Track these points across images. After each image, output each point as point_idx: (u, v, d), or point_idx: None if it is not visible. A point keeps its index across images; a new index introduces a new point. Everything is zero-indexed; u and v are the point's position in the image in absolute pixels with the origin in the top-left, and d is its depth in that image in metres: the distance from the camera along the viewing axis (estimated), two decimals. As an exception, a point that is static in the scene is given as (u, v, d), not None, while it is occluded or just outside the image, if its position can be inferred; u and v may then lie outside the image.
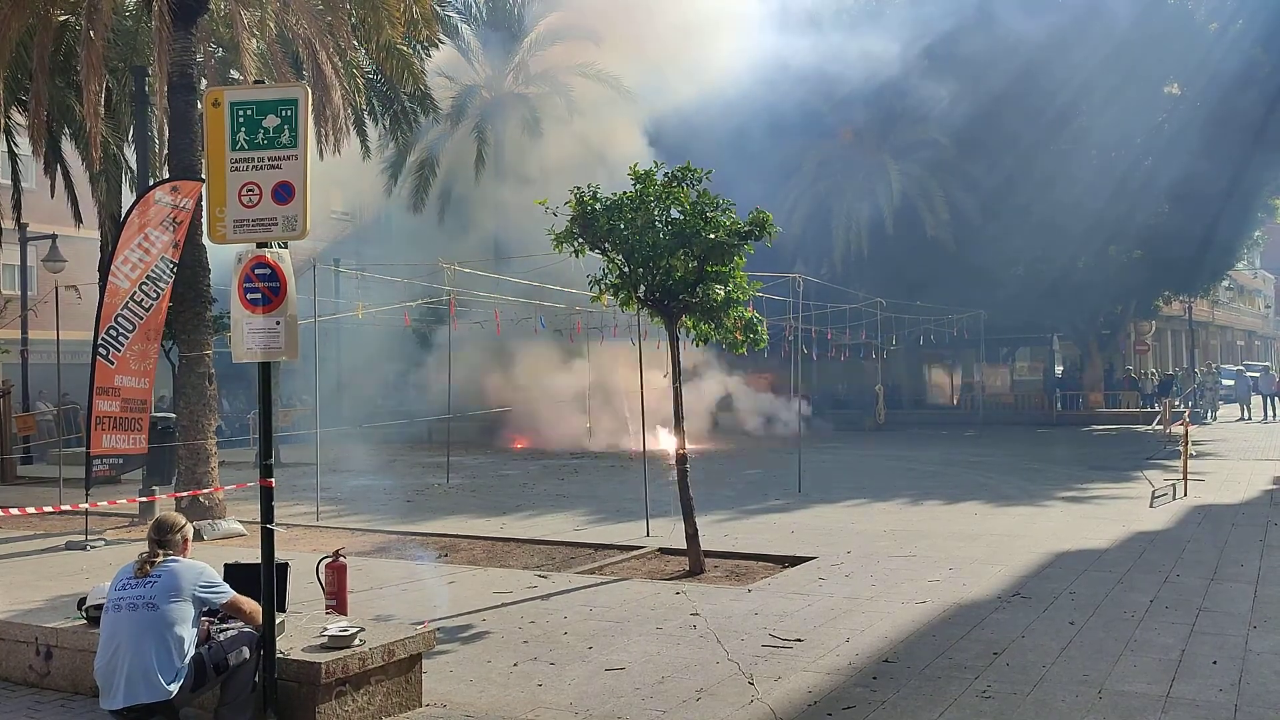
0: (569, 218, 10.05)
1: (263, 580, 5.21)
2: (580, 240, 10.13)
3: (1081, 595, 8.58)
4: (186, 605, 5.03)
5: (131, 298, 12.63)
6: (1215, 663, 6.52)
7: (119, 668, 4.84)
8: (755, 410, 29.12)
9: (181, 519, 5.43)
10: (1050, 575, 9.46)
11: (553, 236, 10.16)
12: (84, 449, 13.52)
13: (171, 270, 12.96)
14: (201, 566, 5.22)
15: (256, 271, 5.20)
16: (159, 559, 5.12)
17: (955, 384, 38.00)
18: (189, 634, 5.01)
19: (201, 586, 5.11)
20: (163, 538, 5.22)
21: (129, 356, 12.67)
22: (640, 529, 12.25)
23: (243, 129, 5.22)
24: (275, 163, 5.19)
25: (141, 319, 12.72)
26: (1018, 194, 27.77)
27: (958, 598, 8.55)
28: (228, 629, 5.38)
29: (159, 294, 12.85)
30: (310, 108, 5.31)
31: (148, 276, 12.72)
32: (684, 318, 10.35)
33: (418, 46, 16.95)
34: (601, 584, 9.54)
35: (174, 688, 4.89)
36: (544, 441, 26.28)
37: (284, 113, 5.20)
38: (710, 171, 10.15)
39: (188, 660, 4.99)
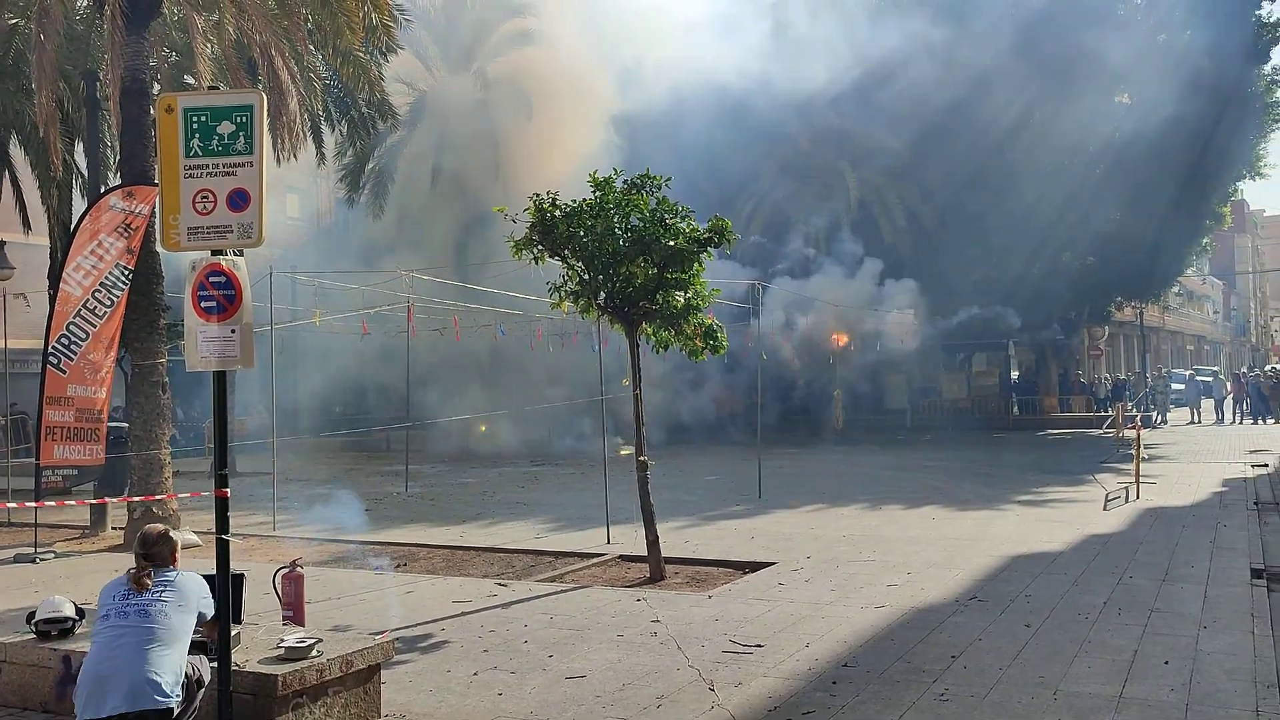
0: (528, 225, 10.04)
1: (218, 591, 5.13)
2: (540, 247, 10.13)
3: (1037, 598, 8.68)
4: (191, 617, 4.89)
5: (84, 305, 12.40)
6: (1167, 663, 6.63)
7: (118, 676, 4.61)
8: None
9: (165, 529, 5.28)
10: (1006, 578, 9.58)
11: (511, 244, 10.15)
12: (33, 460, 13.26)
13: (126, 277, 12.74)
14: (198, 579, 5.09)
15: (211, 279, 5.13)
16: (153, 572, 4.97)
17: (914, 389, 38.32)
18: (188, 643, 4.87)
19: (203, 599, 5.00)
20: (149, 550, 5.03)
21: (82, 366, 12.43)
22: (601, 536, 12.24)
23: (197, 135, 5.15)
24: (230, 169, 5.13)
25: (95, 327, 12.49)
26: (973, 202, 28.11)
27: (916, 602, 8.62)
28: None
29: (114, 301, 12.62)
30: (266, 114, 5.25)
31: (101, 284, 12.50)
32: (644, 324, 10.37)
33: (375, 53, 16.83)
34: (562, 592, 9.52)
35: (175, 699, 4.73)
36: (505, 448, 26.18)
37: (239, 119, 5.14)
38: (669, 179, 10.19)
39: (184, 672, 4.85)
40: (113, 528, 13.96)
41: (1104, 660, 6.73)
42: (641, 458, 10.44)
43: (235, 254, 5.24)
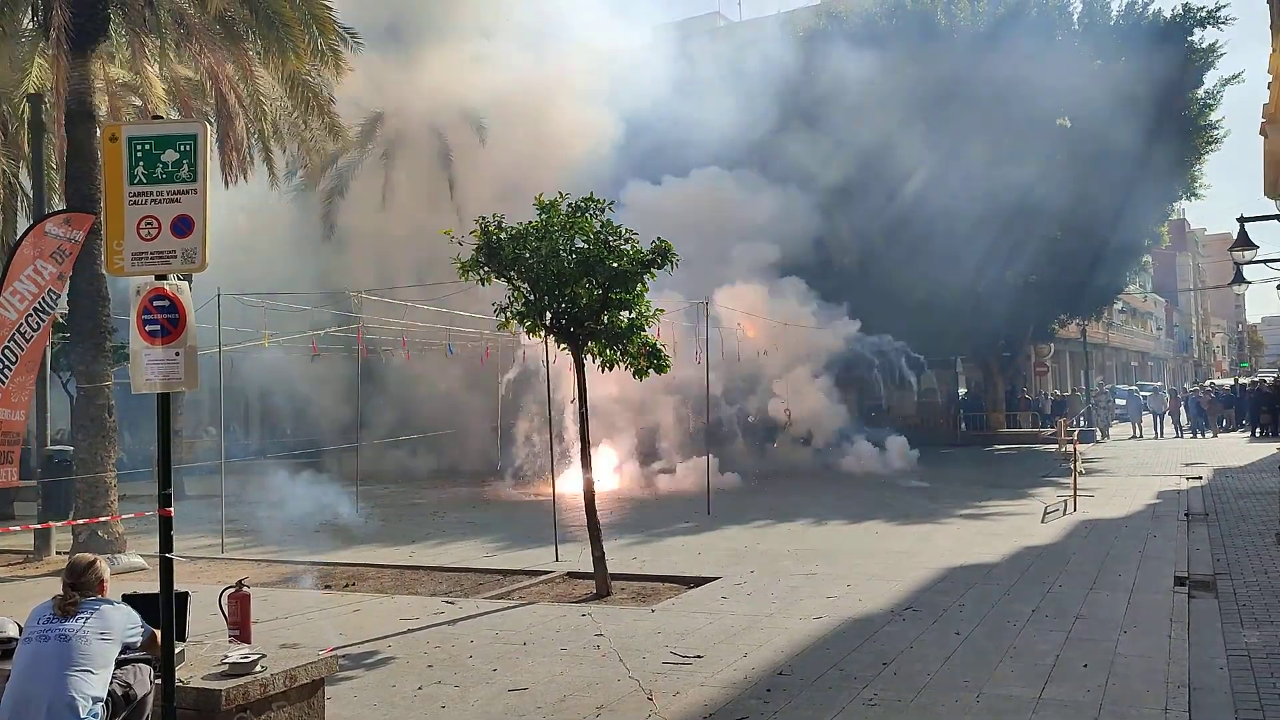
0: (474, 247, 10.22)
1: (161, 608, 5.22)
2: (486, 269, 10.30)
3: (969, 607, 8.97)
4: (114, 647, 5.01)
5: (18, 329, 12.41)
6: (1086, 666, 6.92)
7: (38, 697, 4.74)
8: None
9: (94, 558, 5.38)
10: (942, 589, 9.86)
11: (458, 265, 10.31)
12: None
13: (55, 302, 12.79)
14: (128, 611, 5.20)
15: (155, 303, 5.24)
16: (78, 599, 5.08)
17: (863, 406, 38.78)
18: (110, 670, 5.00)
19: (128, 630, 5.11)
20: (77, 580, 5.15)
21: (11, 389, 12.42)
22: (550, 554, 12.38)
23: (141, 163, 5.27)
24: (174, 196, 5.25)
25: (24, 350, 12.49)
26: (917, 221, 28.66)
27: (853, 612, 8.87)
28: (129, 657, 5.38)
29: (40, 325, 12.65)
30: (210, 142, 5.40)
31: (34, 308, 12.52)
32: (590, 344, 10.57)
33: (324, 75, 16.93)
34: (509, 608, 9.66)
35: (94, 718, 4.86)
36: (455, 469, 26.18)
37: (183, 148, 5.27)
38: (612, 202, 10.44)
39: (106, 694, 4.97)
40: (57, 552, 13.85)
41: (1027, 664, 7.01)
42: (587, 474, 10.62)
43: (179, 279, 5.37)
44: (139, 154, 5.27)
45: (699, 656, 7.51)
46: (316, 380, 25.34)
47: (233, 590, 7.25)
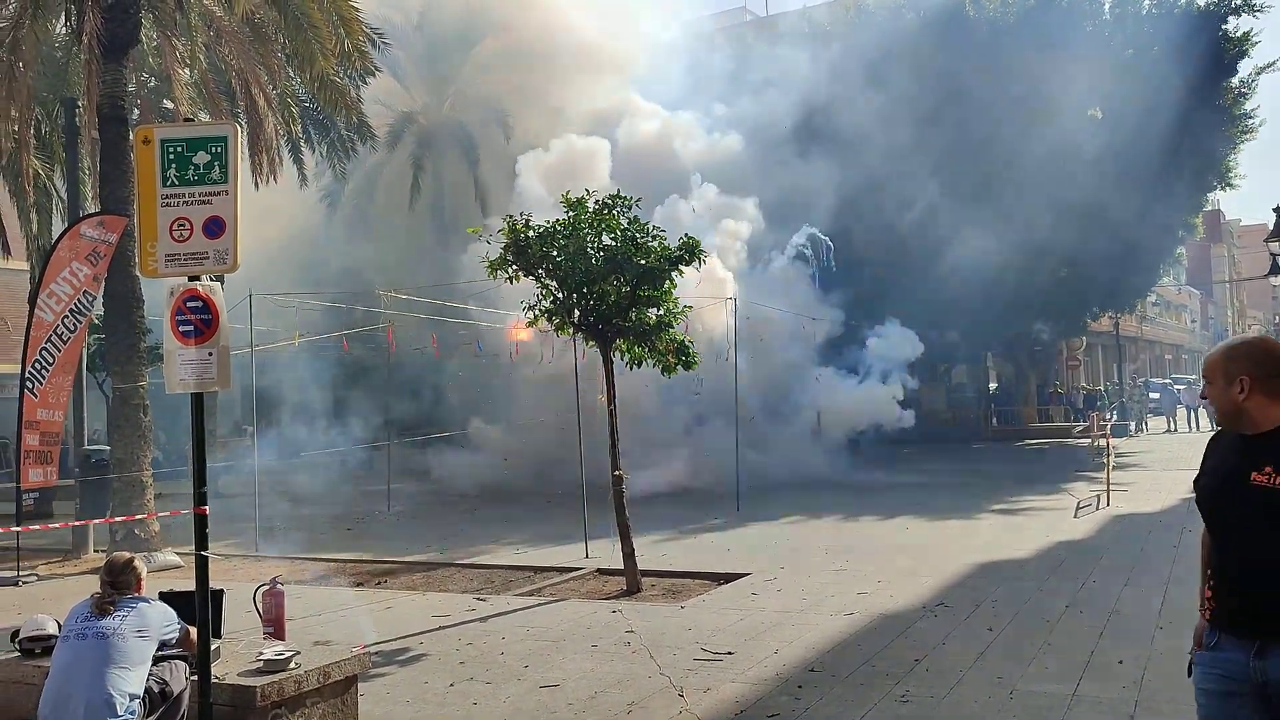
0: (503, 245, 10.25)
1: (197, 605, 5.29)
2: (514, 267, 10.34)
3: (1002, 603, 8.90)
4: (151, 645, 5.09)
5: (54, 331, 12.61)
6: (1121, 662, 6.85)
7: (76, 694, 4.83)
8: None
9: (131, 556, 5.46)
10: (974, 585, 9.80)
11: (487, 264, 10.36)
12: (11, 481, 13.40)
13: (90, 303, 12.97)
14: (165, 608, 5.29)
15: (188, 304, 5.30)
16: (116, 598, 5.16)
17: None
18: (146, 667, 5.08)
19: (165, 628, 5.19)
20: (115, 578, 5.24)
21: (49, 389, 12.63)
22: (580, 551, 12.40)
23: (173, 165, 5.33)
24: (206, 198, 5.31)
25: (60, 352, 12.69)
26: (947, 214, 28.45)
27: (884, 608, 8.83)
28: (165, 654, 5.45)
29: (76, 327, 12.86)
30: (240, 144, 5.45)
31: (70, 310, 12.72)
32: (618, 341, 10.58)
33: (353, 76, 17.05)
34: (539, 605, 9.69)
35: (131, 716, 4.93)
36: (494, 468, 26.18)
37: (214, 149, 5.32)
38: (639, 199, 10.42)
39: (143, 691, 5.05)
40: (95, 550, 14.03)
41: (1061, 661, 6.95)
42: (617, 472, 10.63)
43: (211, 279, 5.42)
44: (171, 156, 5.33)
45: (730, 653, 7.50)
46: (349, 378, 25.44)
47: (267, 587, 7.32)
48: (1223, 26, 29.36)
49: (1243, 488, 3.04)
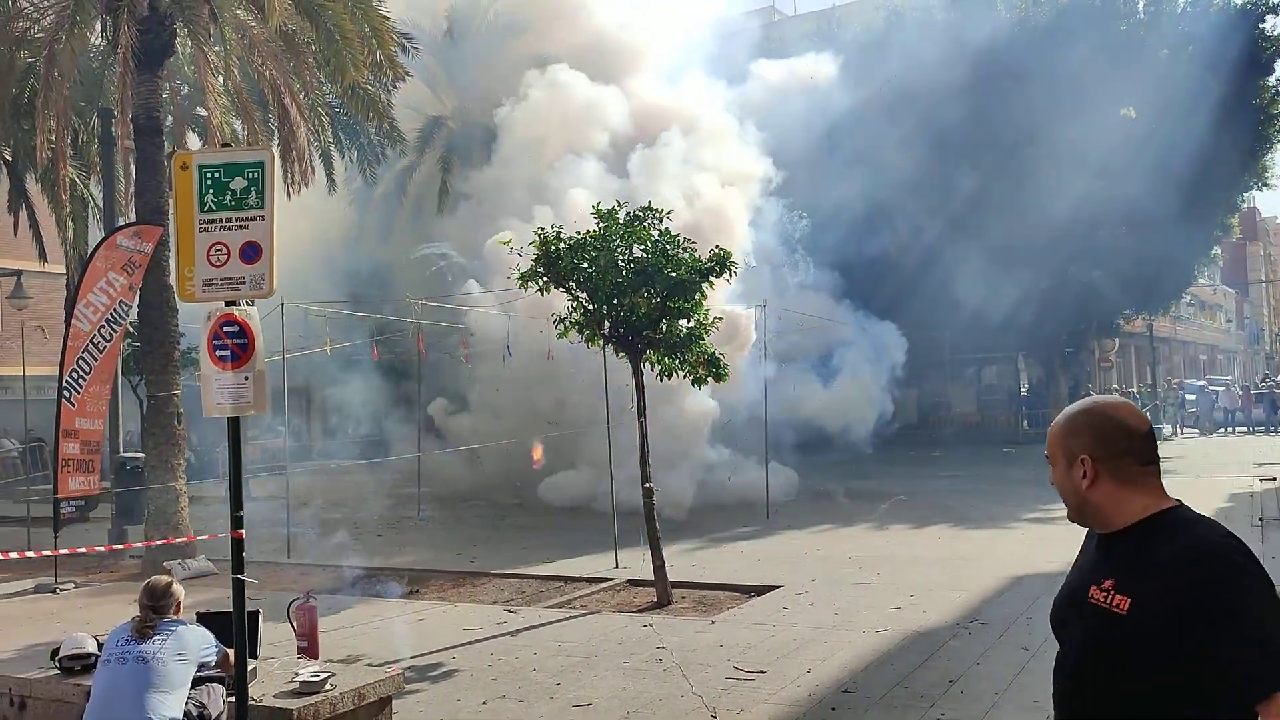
0: (533, 257, 10.26)
1: (235, 630, 5.33)
2: (544, 279, 10.35)
3: (1037, 620, 8.79)
4: (190, 668, 5.15)
5: (91, 340, 12.75)
6: (1160, 686, 6.75)
7: (118, 718, 4.91)
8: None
9: (171, 580, 5.52)
10: (1008, 600, 9.71)
11: (517, 275, 10.37)
12: (49, 488, 13.58)
13: (126, 313, 13.11)
14: (203, 632, 5.34)
15: (225, 329, 5.33)
16: (156, 622, 5.21)
17: (924, 404, 38.37)
18: (185, 690, 5.14)
19: (203, 650, 5.25)
20: (155, 602, 5.30)
21: (86, 399, 12.78)
22: (610, 560, 12.40)
23: (210, 191, 5.37)
24: (243, 223, 5.34)
25: (98, 361, 12.84)
26: (977, 216, 28.25)
27: (917, 625, 8.77)
28: (203, 675, 5.49)
29: (113, 336, 13.00)
30: (276, 170, 5.48)
31: (106, 319, 12.86)
32: (648, 353, 10.56)
33: (384, 83, 17.13)
34: (570, 618, 9.69)
35: None
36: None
37: (251, 175, 5.36)
38: (670, 211, 10.40)
39: (183, 714, 5.10)
40: (130, 557, 14.19)
41: (1099, 684, 6.86)
42: (647, 484, 10.61)
43: (248, 304, 5.45)
44: (209, 182, 5.37)
45: (762, 672, 7.47)
46: (380, 385, 25.55)
47: (300, 602, 7.38)
48: (1259, 25, 29.00)
49: (1083, 604, 2.40)
